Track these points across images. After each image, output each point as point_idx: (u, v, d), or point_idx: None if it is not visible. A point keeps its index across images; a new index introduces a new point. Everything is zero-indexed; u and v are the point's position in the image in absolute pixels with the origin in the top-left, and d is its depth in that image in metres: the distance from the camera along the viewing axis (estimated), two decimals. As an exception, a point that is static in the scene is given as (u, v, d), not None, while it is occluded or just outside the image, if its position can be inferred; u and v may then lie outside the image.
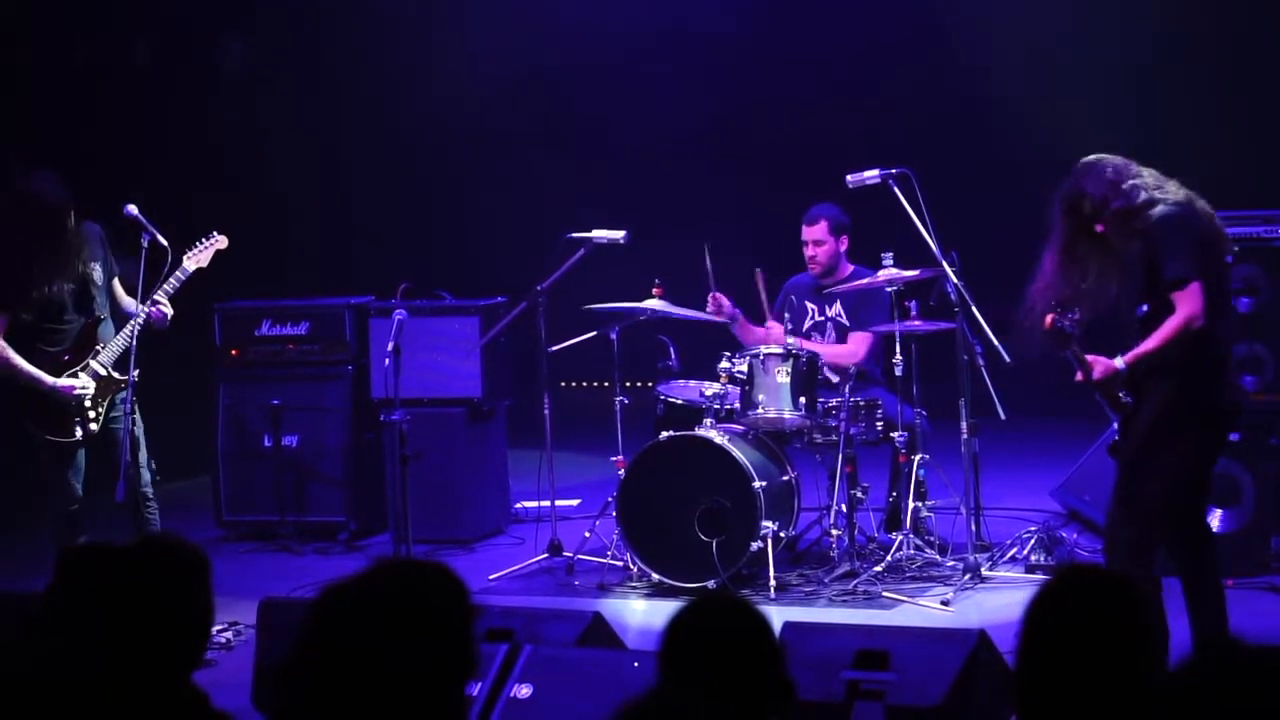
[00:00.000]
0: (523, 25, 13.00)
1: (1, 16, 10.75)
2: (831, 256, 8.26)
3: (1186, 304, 5.68)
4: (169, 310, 7.24)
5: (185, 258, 7.39)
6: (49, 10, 11.05)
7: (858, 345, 8.19)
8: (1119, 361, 5.85)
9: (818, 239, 8.27)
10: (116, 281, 7.40)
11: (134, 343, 7.17)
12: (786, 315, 8.30)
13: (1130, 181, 5.85)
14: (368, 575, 2.71)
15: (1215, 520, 7.60)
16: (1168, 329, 5.72)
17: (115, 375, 7.27)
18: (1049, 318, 5.77)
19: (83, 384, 7.22)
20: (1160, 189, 5.84)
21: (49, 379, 7.20)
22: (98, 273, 7.32)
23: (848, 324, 8.29)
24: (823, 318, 8.37)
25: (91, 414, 7.25)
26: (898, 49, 12.41)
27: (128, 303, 7.36)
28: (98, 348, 7.29)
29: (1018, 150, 11.58)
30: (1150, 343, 5.77)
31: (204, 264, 7.45)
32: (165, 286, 7.25)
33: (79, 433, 7.24)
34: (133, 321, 7.20)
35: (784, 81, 12.76)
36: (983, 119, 12.03)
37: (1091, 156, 6.01)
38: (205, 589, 3.29)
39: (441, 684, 2.66)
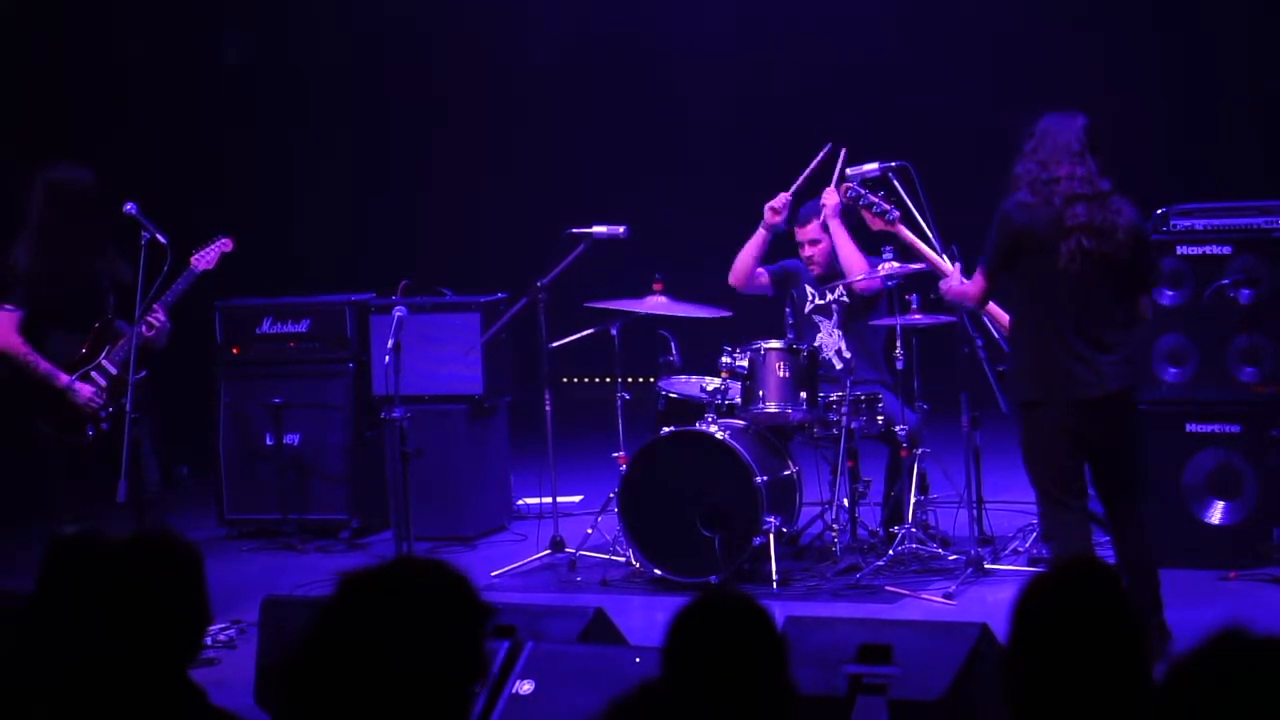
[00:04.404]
0: (521, 22, 13.01)
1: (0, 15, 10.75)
2: (828, 254, 8.26)
3: (968, 285, 6.49)
4: (164, 323, 7.22)
5: (193, 260, 7.39)
6: (49, 9, 11.05)
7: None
8: (953, 280, 6.66)
9: (813, 239, 8.25)
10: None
11: (134, 344, 7.17)
12: (793, 293, 8.30)
13: (1022, 166, 6.27)
14: (386, 571, 2.70)
15: (1217, 513, 7.61)
16: (953, 289, 6.62)
17: (125, 377, 7.26)
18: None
19: (93, 394, 7.20)
20: (1032, 185, 6.20)
21: (65, 377, 7.20)
22: (107, 273, 7.33)
23: (847, 301, 8.27)
24: (824, 301, 8.35)
25: (102, 414, 7.24)
26: (897, 43, 12.41)
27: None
28: (108, 347, 7.29)
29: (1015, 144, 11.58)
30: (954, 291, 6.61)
31: (211, 266, 7.45)
32: (169, 292, 7.23)
33: (91, 432, 7.23)
34: (137, 323, 7.19)
35: (784, 77, 12.76)
36: (981, 113, 12.02)
37: (1067, 116, 6.31)
38: (199, 585, 3.28)
39: (452, 686, 2.66)
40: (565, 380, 12.40)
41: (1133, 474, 6.42)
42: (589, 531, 8.19)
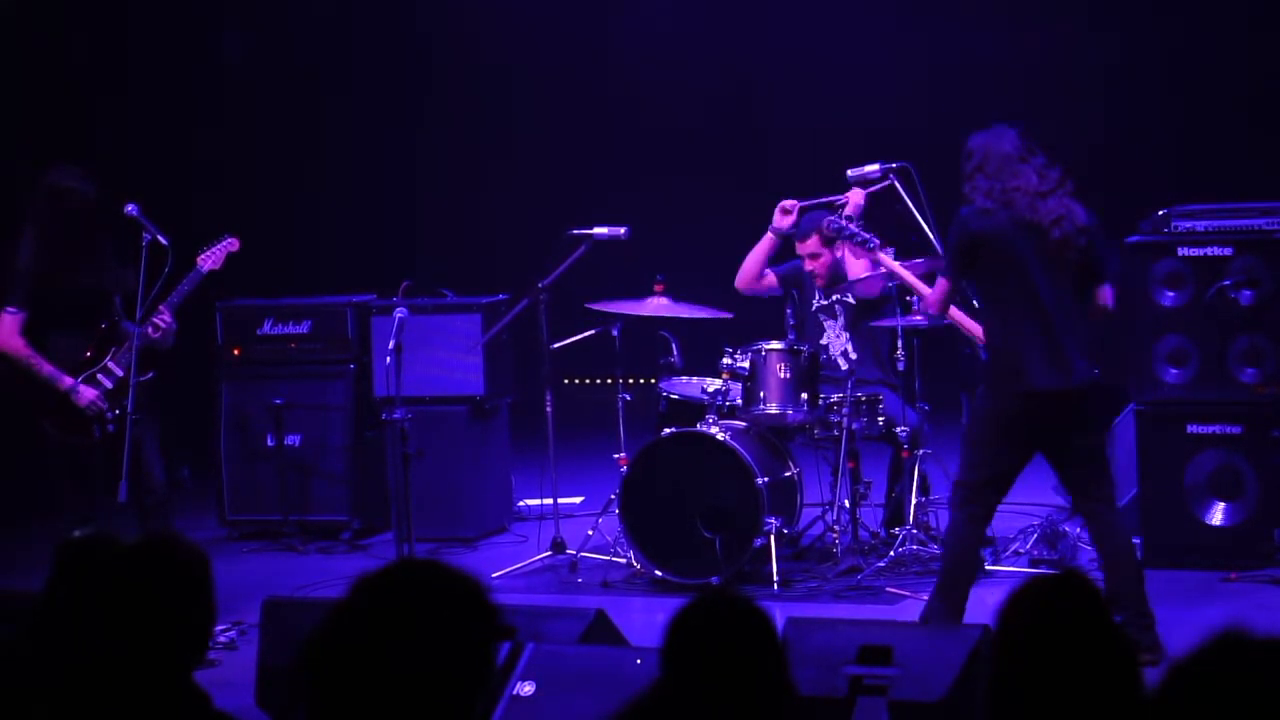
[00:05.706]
0: (522, 22, 13.00)
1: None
2: (830, 266, 8.25)
3: (931, 293, 6.75)
4: (170, 323, 7.21)
5: (199, 260, 7.39)
6: (49, 9, 11.05)
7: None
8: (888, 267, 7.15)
9: (812, 253, 8.23)
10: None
11: (136, 345, 7.16)
12: (794, 294, 8.29)
13: (974, 181, 6.37)
14: (400, 573, 2.70)
15: (1218, 514, 7.61)
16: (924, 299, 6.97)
17: (129, 379, 7.24)
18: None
19: (96, 397, 7.18)
20: (988, 193, 6.31)
21: (68, 379, 7.18)
22: (110, 277, 7.32)
23: (852, 302, 8.26)
24: (828, 301, 8.35)
25: (109, 415, 7.22)
26: (897, 43, 12.41)
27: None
28: (113, 349, 7.28)
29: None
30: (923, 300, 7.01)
31: (218, 266, 7.45)
32: (175, 293, 7.22)
33: (97, 433, 7.22)
34: (140, 326, 7.18)
35: (785, 77, 12.75)
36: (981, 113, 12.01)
37: (998, 130, 6.44)
38: (206, 589, 3.28)
39: (457, 694, 2.65)
40: (566, 381, 12.39)
41: (1098, 465, 6.50)
42: (590, 533, 8.19)
